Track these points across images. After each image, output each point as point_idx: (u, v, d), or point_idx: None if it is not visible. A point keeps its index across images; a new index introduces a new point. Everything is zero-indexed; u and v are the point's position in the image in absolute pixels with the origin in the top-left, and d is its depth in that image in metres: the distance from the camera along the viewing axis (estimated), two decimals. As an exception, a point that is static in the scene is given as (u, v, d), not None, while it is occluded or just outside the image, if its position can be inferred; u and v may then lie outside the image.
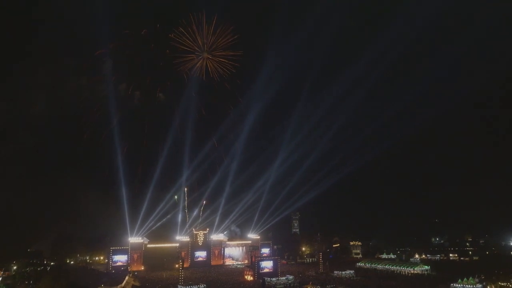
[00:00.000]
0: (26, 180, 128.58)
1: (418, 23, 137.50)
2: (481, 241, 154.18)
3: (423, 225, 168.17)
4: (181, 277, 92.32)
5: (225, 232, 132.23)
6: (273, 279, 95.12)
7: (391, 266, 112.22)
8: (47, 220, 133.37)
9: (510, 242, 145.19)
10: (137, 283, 66.15)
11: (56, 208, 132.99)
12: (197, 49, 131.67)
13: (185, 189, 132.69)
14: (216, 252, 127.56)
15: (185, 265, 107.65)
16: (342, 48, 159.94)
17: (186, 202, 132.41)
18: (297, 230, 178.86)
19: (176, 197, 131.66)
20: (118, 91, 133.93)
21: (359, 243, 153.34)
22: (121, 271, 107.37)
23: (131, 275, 67.82)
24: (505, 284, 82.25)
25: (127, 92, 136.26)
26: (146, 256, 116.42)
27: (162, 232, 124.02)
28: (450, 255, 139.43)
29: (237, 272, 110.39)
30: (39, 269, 71.23)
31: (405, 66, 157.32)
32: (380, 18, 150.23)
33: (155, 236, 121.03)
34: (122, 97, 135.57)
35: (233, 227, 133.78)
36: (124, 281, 66.57)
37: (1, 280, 75.45)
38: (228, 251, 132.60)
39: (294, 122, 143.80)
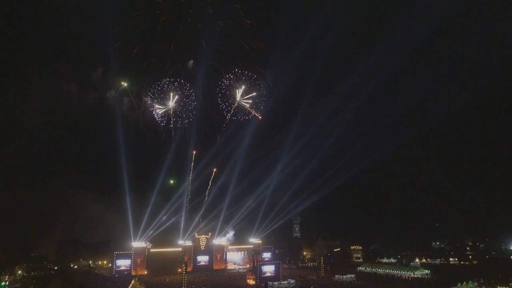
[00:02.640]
0: (26, 184, 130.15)
1: (417, 32, 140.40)
2: (481, 245, 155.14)
3: (423, 229, 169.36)
4: (185, 281, 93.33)
5: (227, 237, 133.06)
6: (275, 283, 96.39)
7: (392, 270, 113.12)
8: (49, 225, 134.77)
9: (510, 246, 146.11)
10: (142, 287, 67.41)
11: (57, 213, 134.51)
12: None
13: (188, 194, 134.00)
14: (218, 256, 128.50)
15: (187, 270, 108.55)
16: (341, 56, 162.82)
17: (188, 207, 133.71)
18: (298, 234, 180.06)
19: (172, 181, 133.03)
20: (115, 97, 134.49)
21: (360, 248, 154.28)
22: (125, 276, 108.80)
23: (137, 279, 69.14)
24: None
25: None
26: (149, 260, 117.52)
27: (165, 237, 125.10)
28: (450, 259, 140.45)
29: (239, 277, 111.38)
30: (46, 273, 72.26)
31: (405, 70, 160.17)
32: (381, 25, 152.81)
33: (158, 240, 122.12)
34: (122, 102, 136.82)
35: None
36: (130, 285, 67.84)
37: (8, 284, 76.63)
38: (229, 255, 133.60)
39: (295, 128, 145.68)
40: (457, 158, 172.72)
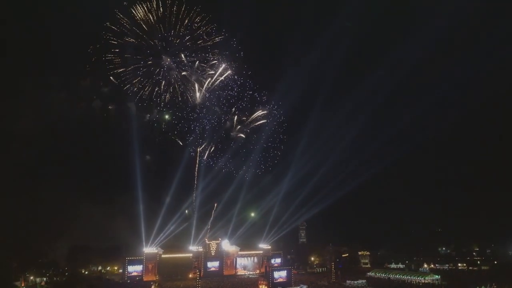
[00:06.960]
0: (32, 191, 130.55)
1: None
2: (487, 251, 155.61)
3: (427, 235, 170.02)
4: (198, 286, 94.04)
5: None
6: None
7: (402, 276, 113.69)
8: (58, 231, 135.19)
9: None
10: (162, 292, 68.15)
11: (66, 219, 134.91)
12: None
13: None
14: (228, 262, 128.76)
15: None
16: (351, 66, 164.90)
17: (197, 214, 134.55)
18: (304, 240, 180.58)
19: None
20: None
21: (368, 253, 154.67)
22: (136, 281, 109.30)
23: (156, 284, 69.88)
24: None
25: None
26: (161, 266, 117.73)
27: (176, 243, 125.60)
28: (459, 264, 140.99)
29: (250, 282, 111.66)
30: (63, 279, 72.96)
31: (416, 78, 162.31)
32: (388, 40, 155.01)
33: (169, 246, 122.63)
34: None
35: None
36: (151, 290, 68.60)
37: (25, 289, 77.09)
38: (239, 261, 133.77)
39: (304, 136, 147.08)
40: (460, 164, 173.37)
